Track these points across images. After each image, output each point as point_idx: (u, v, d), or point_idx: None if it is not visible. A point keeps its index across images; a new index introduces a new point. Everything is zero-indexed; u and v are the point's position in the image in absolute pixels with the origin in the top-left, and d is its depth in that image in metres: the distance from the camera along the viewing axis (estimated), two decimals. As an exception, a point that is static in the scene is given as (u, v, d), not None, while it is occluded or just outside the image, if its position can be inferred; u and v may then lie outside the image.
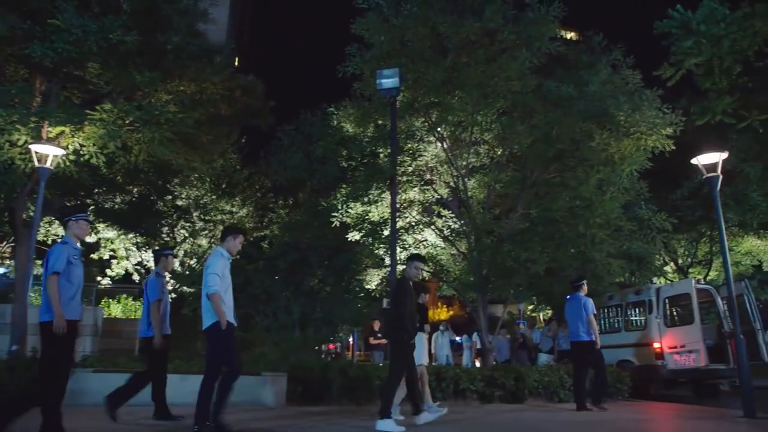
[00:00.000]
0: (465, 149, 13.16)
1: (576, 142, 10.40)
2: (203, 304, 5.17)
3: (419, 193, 13.05)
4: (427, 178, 13.53)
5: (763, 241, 19.16)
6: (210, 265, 5.17)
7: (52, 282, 4.60)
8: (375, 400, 8.63)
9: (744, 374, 7.66)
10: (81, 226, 4.99)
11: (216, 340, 5.07)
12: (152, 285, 6.25)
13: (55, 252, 4.72)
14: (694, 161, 8.44)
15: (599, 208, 9.44)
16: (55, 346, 4.59)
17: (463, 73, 11.14)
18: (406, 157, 11.57)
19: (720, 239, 8.14)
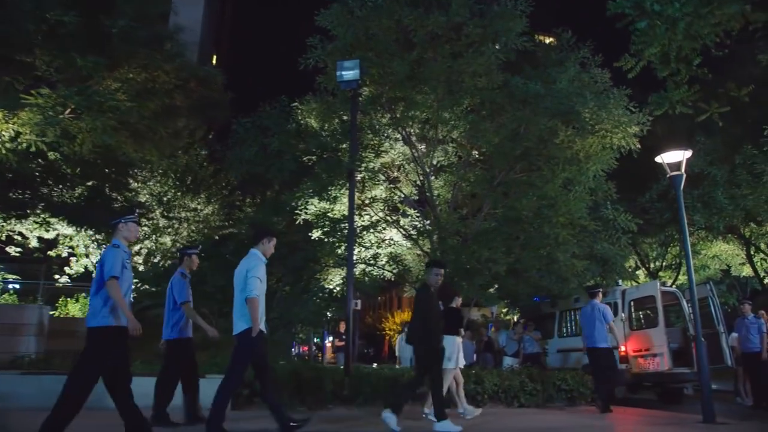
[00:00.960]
0: (432, 147, 12.93)
1: (543, 140, 10.16)
2: (236, 308, 5.05)
3: (385, 191, 12.76)
4: (394, 176, 13.26)
5: (731, 246, 19.26)
6: (251, 268, 5.04)
7: (113, 286, 4.46)
8: (326, 404, 8.32)
9: (704, 378, 7.44)
10: (130, 228, 4.86)
11: (246, 347, 4.98)
12: (179, 286, 5.99)
13: (109, 256, 4.58)
14: (659, 159, 8.23)
15: (563, 207, 9.20)
16: (105, 353, 4.46)
17: (428, 67, 10.86)
18: (369, 153, 11.21)
19: (683, 240, 7.92)
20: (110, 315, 4.48)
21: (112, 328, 4.47)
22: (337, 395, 8.43)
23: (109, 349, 4.47)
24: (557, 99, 10.38)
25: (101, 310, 4.48)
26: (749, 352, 9.96)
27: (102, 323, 4.46)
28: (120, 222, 4.85)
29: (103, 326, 4.46)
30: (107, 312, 4.48)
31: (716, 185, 13.53)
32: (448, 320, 7.19)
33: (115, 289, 4.44)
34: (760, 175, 12.94)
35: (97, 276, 4.62)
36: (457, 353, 7.45)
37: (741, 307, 10.40)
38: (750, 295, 24.54)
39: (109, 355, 4.48)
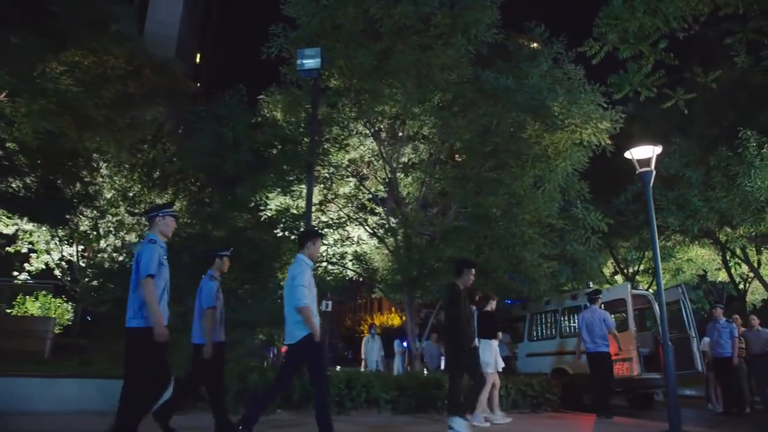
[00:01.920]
0: (402, 144, 12.55)
1: (512, 136, 9.78)
2: (288, 317, 4.97)
3: (354, 188, 12.34)
4: (363, 173, 12.83)
5: (707, 251, 19.07)
6: (296, 276, 4.93)
7: (148, 285, 4.24)
8: (275, 409, 7.84)
9: (670, 384, 7.07)
10: (168, 222, 4.66)
11: (313, 353, 4.91)
12: (207, 290, 5.68)
13: (146, 252, 4.36)
14: (628, 155, 7.86)
15: (530, 204, 8.82)
16: (145, 354, 4.27)
17: (395, 59, 10.44)
18: (333, 147, 10.77)
19: (652, 240, 7.55)
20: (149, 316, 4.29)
21: (150, 330, 4.24)
22: (286, 399, 7.96)
23: (149, 350, 4.27)
24: (528, 94, 10.02)
25: (140, 311, 4.29)
26: (720, 357, 9.67)
27: (141, 324, 4.26)
28: (157, 215, 4.63)
29: (141, 327, 4.26)
30: (146, 312, 4.28)
31: (691, 187, 13.27)
32: (484, 324, 7.04)
33: (149, 289, 4.22)
34: (734, 177, 12.70)
35: (133, 273, 4.40)
36: (495, 357, 7.44)
37: (713, 311, 10.11)
38: (726, 301, 24.53)
39: (151, 355, 4.31)
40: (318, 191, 11.21)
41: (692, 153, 13.75)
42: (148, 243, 4.47)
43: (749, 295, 19.73)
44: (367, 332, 13.70)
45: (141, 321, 4.26)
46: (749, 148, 12.36)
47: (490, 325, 7.45)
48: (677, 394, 7.15)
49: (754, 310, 18.62)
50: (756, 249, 18.25)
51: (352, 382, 8.10)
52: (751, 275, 17.67)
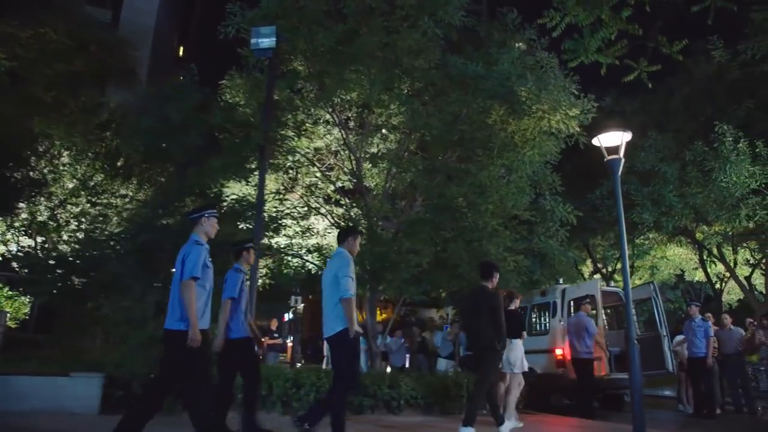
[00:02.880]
0: (371, 133, 12.08)
1: (479, 123, 9.31)
2: (328, 309, 4.92)
3: (320, 178, 11.84)
4: (329, 163, 12.33)
5: (684, 249, 18.85)
6: (341, 267, 4.92)
7: (189, 288, 4.19)
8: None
9: (635, 385, 6.65)
10: (213, 223, 4.62)
11: (345, 349, 4.86)
12: (231, 281, 5.50)
13: (193, 253, 4.30)
14: (595, 141, 7.41)
15: (494, 194, 8.35)
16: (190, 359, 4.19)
17: (358, 42, 9.91)
18: (293, 133, 10.24)
19: (619, 231, 7.11)
20: (201, 318, 4.26)
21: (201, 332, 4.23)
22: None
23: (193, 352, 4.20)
24: (497, 80, 9.55)
25: (184, 312, 4.21)
26: (694, 356, 9.29)
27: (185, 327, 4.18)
28: (203, 216, 4.56)
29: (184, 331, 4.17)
30: (199, 315, 4.24)
31: (666, 182, 12.92)
32: (509, 323, 6.88)
33: (189, 291, 4.17)
34: (710, 172, 12.39)
35: (177, 273, 4.32)
36: (522, 357, 7.39)
37: (689, 309, 9.74)
38: (703, 301, 24.39)
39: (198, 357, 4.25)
40: (275, 179, 10.67)
41: (668, 147, 13.42)
42: (195, 245, 4.40)
43: (725, 295, 19.55)
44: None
45: (185, 324, 4.19)
46: (725, 142, 12.04)
47: (515, 324, 7.29)
48: (642, 395, 6.75)
49: (729, 311, 18.44)
50: (732, 248, 18.09)
51: (300, 380, 7.58)
52: (728, 275, 17.44)
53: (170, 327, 4.27)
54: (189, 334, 4.13)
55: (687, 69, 14.36)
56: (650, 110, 14.74)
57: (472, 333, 6.63)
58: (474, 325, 6.46)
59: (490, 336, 6.17)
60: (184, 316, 4.19)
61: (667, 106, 14.47)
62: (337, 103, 11.58)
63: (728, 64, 13.58)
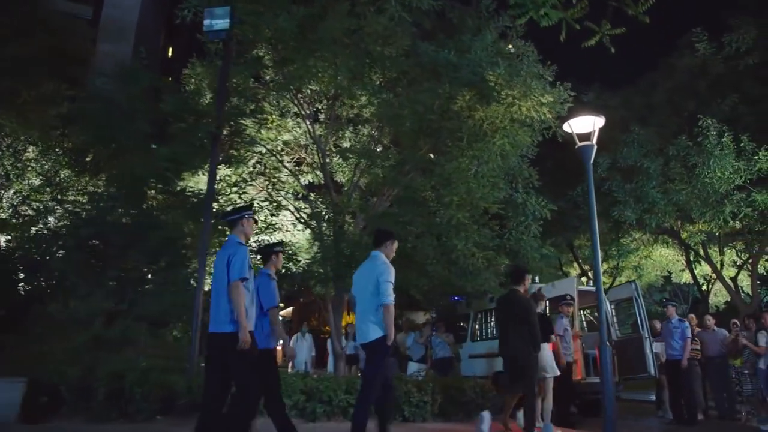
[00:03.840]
0: (342, 126, 11.58)
1: (447, 111, 8.78)
2: (365, 315, 4.83)
3: (290, 173, 11.31)
4: (298, 157, 11.80)
5: (671, 250, 18.43)
6: (382, 272, 4.83)
7: (238, 289, 4.17)
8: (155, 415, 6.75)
9: (606, 391, 6.13)
10: (251, 224, 4.65)
11: (381, 356, 4.76)
12: (266, 289, 5.17)
13: (240, 254, 4.27)
14: (566, 127, 6.90)
15: (461, 186, 7.82)
16: (241, 361, 4.19)
17: (322, 26, 9.38)
18: (250, 122, 9.71)
19: (590, 223, 6.59)
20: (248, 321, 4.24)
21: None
22: (169, 403, 6.86)
23: (246, 354, 4.19)
24: (469, 68, 9.04)
25: (231, 314, 4.17)
26: (671, 359, 8.79)
27: (233, 329, 4.15)
28: (243, 217, 4.53)
29: (233, 332, 4.14)
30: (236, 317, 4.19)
31: (649, 179, 12.45)
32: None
33: (238, 293, 4.15)
34: (694, 167, 11.94)
35: (220, 275, 4.27)
36: (552, 361, 7.18)
37: (665, 310, 9.24)
38: (691, 303, 23.99)
39: (247, 359, 4.23)
40: (236, 172, 10.11)
41: (651, 142, 12.96)
42: (238, 245, 4.36)
43: (712, 297, 19.13)
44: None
45: (233, 326, 4.14)
46: (709, 137, 11.59)
47: (543, 328, 7.00)
48: (614, 401, 6.25)
49: (717, 313, 18.01)
50: (719, 249, 17.70)
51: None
52: (714, 276, 17.01)
53: (217, 330, 4.22)
54: (239, 336, 4.09)
55: (670, 63, 13.94)
56: (633, 105, 14.29)
57: (506, 340, 6.44)
58: (508, 332, 6.36)
59: (524, 343, 6.09)
60: (231, 318, 4.15)
61: (650, 100, 14.04)
62: (307, 94, 11.13)
63: (712, 57, 13.16)
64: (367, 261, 5.16)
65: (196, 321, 7.47)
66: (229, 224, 4.69)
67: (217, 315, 4.24)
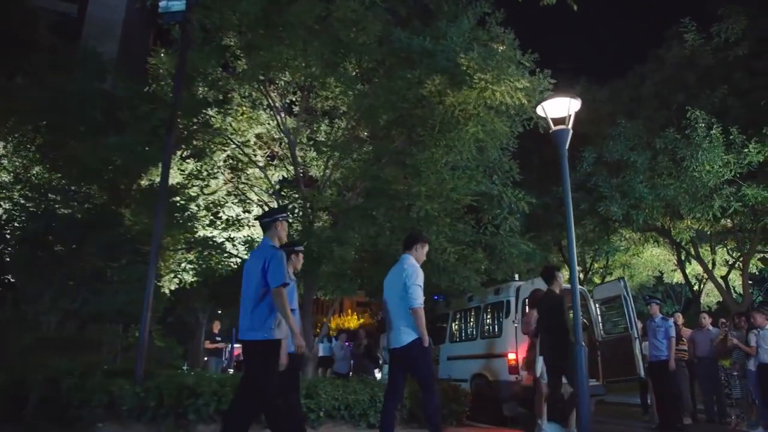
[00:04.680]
0: (316, 119, 11.15)
1: (419, 99, 8.30)
2: (395, 319, 4.84)
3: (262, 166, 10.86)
4: (271, 151, 11.35)
5: (662, 249, 18.03)
6: (411, 275, 4.82)
7: (281, 295, 4.07)
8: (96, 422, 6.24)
9: (581, 396, 5.64)
10: (285, 226, 4.58)
11: (426, 358, 4.80)
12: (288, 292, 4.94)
13: (276, 259, 4.17)
14: (540, 110, 6.42)
15: (431, 177, 7.34)
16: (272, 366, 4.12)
17: (289, 11, 8.90)
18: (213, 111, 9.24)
19: (566, 213, 6.11)
20: (277, 328, 4.13)
21: (276, 342, 4.12)
22: (113, 411, 6.34)
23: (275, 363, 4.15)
24: (445, 54, 8.57)
25: (267, 321, 4.09)
26: (655, 360, 8.31)
27: (268, 336, 4.08)
28: (276, 220, 4.47)
29: (269, 340, 4.09)
30: (273, 324, 4.11)
31: (636, 173, 11.99)
32: None
33: (282, 298, 4.04)
34: (681, 160, 11.49)
35: (256, 280, 4.15)
36: None
37: (648, 308, 8.76)
38: (684, 303, 23.58)
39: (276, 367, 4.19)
40: (199, 164, 9.63)
41: (638, 136, 12.51)
42: (274, 249, 4.27)
43: (704, 297, 18.73)
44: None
45: (268, 333, 4.06)
46: (697, 129, 11.14)
47: None
48: (589, 406, 5.78)
49: (708, 313, 17.58)
50: (711, 248, 17.31)
51: (198, 388, 6.49)
52: (706, 276, 16.60)
53: (249, 337, 4.12)
54: (294, 341, 4.12)
55: (658, 55, 13.52)
56: (620, 98, 13.86)
57: (545, 339, 6.54)
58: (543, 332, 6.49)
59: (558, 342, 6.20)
60: (266, 325, 4.06)
61: (638, 93, 13.60)
62: (280, 86, 10.68)
63: (701, 48, 12.74)
64: (396, 264, 5.13)
65: (145, 320, 6.96)
66: (263, 227, 4.55)
67: (250, 321, 4.11)
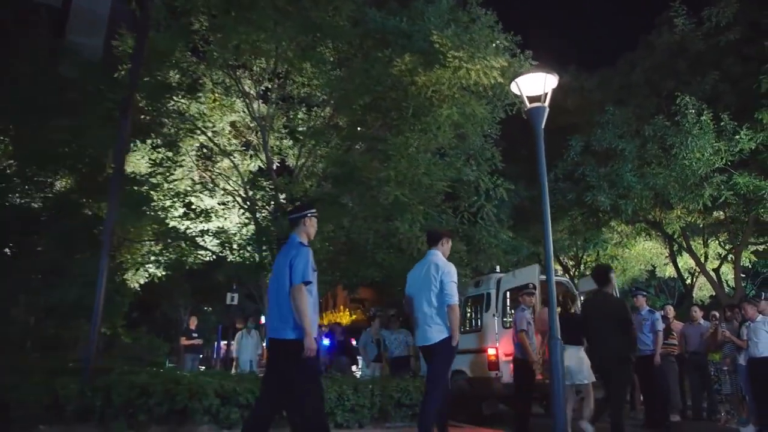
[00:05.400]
0: (292, 107, 10.77)
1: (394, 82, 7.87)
2: (427, 315, 4.72)
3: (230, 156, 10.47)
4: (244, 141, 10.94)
5: (655, 243, 17.65)
6: (448, 272, 4.76)
7: (302, 293, 3.88)
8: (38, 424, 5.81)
9: (556, 394, 5.23)
10: (314, 223, 4.43)
11: (447, 357, 4.75)
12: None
13: (301, 256, 4.00)
14: (514, 87, 5.97)
15: (402, 161, 6.90)
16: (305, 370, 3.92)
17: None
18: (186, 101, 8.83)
19: (541, 198, 5.67)
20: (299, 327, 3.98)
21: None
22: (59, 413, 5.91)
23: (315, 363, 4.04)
24: (422, 35, 8.15)
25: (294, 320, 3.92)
26: (641, 354, 7.88)
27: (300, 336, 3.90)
28: (305, 216, 4.32)
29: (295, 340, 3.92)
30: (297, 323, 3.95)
31: (625, 161, 11.57)
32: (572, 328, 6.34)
33: (302, 297, 3.89)
34: (671, 148, 11.07)
35: (280, 277, 4.03)
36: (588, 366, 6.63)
37: (634, 300, 8.35)
38: (677, 298, 23.22)
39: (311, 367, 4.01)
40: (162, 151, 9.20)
41: (627, 123, 12.09)
42: (301, 245, 4.14)
43: (697, 291, 18.35)
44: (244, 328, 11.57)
45: (298, 333, 3.89)
46: (687, 115, 10.73)
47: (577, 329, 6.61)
48: (565, 403, 5.38)
49: (701, 307, 17.21)
50: (703, 241, 16.94)
51: (150, 387, 6.06)
52: (698, 270, 16.22)
53: (277, 336, 3.99)
54: (305, 343, 3.85)
55: (648, 41, 13.11)
56: (610, 85, 13.44)
57: (598, 345, 6.09)
58: (600, 337, 5.99)
59: (619, 348, 5.82)
60: (295, 324, 3.89)
61: (628, 80, 13.19)
62: (256, 72, 10.27)
63: (691, 33, 12.33)
64: (423, 260, 5.00)
65: (96, 316, 6.52)
66: (291, 223, 4.41)
67: (282, 320, 3.96)
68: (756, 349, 7.49)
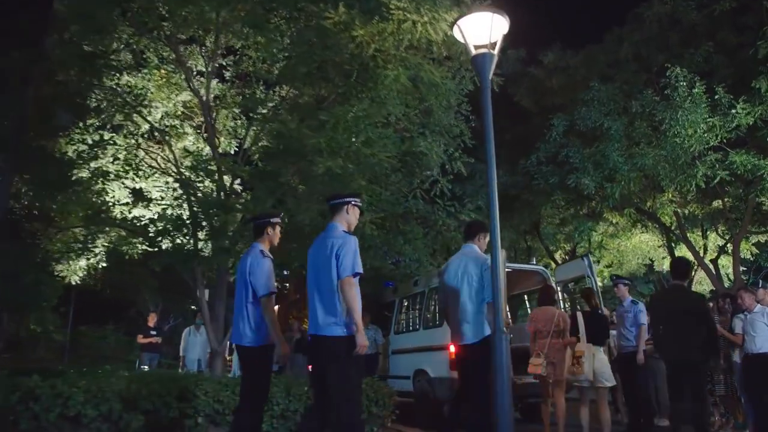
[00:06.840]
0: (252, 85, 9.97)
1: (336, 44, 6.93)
2: (468, 313, 4.57)
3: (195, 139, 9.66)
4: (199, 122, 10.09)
5: (652, 235, 16.72)
6: (486, 269, 4.51)
7: (352, 286, 3.73)
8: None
9: (499, 392, 4.29)
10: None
11: (482, 360, 4.35)
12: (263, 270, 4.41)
13: (348, 245, 3.81)
14: (456, 33, 5.00)
15: (340, 128, 5.98)
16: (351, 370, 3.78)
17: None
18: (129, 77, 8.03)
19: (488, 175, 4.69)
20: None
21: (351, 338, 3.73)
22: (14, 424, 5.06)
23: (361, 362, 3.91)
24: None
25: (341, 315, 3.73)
26: (624, 351, 6.94)
27: (350, 332, 3.72)
28: (349, 203, 4.06)
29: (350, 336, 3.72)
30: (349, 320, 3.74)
31: (611, 141, 10.60)
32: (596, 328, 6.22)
33: (352, 290, 3.70)
34: (660, 124, 10.10)
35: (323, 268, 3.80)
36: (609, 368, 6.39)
37: (615, 290, 7.38)
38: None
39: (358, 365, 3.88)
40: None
41: (614, 101, 11.12)
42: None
43: (696, 285, 17.35)
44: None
45: (349, 328, 3.72)
46: (678, 88, 9.76)
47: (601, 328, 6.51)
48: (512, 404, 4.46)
49: (701, 302, 16.26)
50: (702, 233, 16.00)
51: (38, 390, 5.19)
52: (696, 263, 15.25)
53: (325, 333, 3.75)
54: (357, 340, 3.70)
55: (638, 14, 12.15)
56: (596, 63, 12.49)
57: (671, 343, 5.51)
58: (673, 334, 5.43)
59: (697, 348, 5.30)
60: (341, 320, 3.72)
61: (615, 56, 12.23)
62: (209, 47, 9.42)
63: (684, 3, 11.36)
64: (459, 255, 4.81)
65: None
66: (331, 209, 4.10)
67: (325, 316, 3.74)
68: (753, 345, 6.55)
